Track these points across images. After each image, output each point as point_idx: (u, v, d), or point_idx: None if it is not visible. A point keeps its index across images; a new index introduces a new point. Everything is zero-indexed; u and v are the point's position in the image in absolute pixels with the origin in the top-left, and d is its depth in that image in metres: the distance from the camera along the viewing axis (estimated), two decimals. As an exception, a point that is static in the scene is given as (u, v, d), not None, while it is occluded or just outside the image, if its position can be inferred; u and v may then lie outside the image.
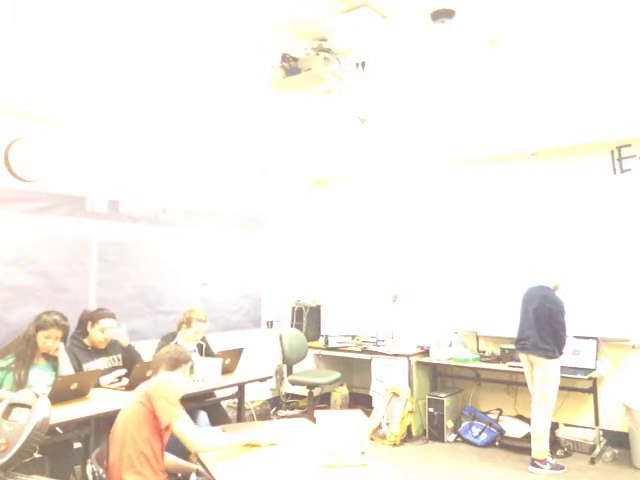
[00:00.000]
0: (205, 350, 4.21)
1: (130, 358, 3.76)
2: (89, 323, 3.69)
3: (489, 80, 3.44)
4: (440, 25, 2.60)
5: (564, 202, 5.05)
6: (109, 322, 3.71)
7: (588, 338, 4.64)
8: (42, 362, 3.32)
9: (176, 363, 2.56)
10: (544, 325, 4.20)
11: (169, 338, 4.02)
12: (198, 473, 2.51)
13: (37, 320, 3.30)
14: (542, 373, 4.20)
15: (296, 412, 5.77)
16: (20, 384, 3.11)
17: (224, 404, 5.04)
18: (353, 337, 6.11)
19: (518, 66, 3.21)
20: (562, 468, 4.15)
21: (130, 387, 3.17)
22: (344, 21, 2.56)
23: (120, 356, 3.80)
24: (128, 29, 2.73)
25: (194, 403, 3.60)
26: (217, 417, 3.93)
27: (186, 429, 2.30)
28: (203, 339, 4.23)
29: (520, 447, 4.53)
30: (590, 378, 4.46)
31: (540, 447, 4.15)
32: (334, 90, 3.02)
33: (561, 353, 4.21)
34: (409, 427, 4.97)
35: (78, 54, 3.01)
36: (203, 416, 3.79)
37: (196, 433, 2.33)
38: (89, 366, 3.58)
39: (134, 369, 3.40)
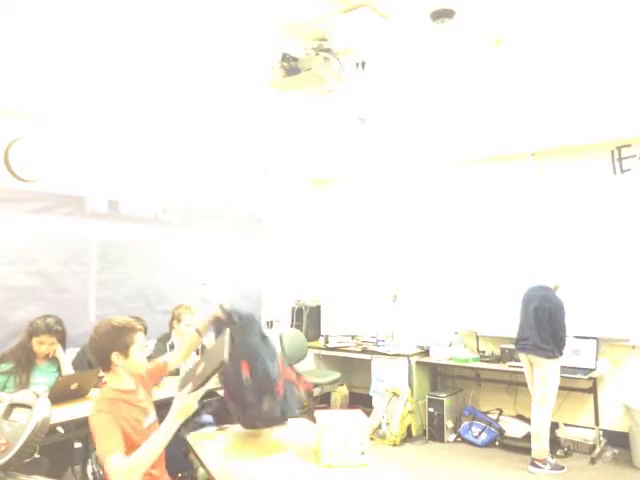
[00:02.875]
0: (202, 349, 4.17)
1: None
2: None
3: (489, 80, 3.44)
4: (440, 25, 2.60)
5: (564, 202, 5.05)
6: None
7: (588, 338, 4.64)
8: (43, 364, 3.30)
9: (124, 345, 2.12)
10: (544, 325, 4.20)
11: (164, 339, 4.01)
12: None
13: (30, 326, 3.25)
14: (542, 373, 4.20)
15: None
16: (22, 387, 3.09)
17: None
18: (353, 337, 6.11)
19: (518, 66, 3.21)
20: (562, 468, 4.15)
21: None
22: (344, 21, 2.56)
23: None
24: (128, 29, 2.73)
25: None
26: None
27: (112, 467, 1.86)
28: None
29: (520, 447, 4.53)
30: (590, 378, 4.46)
31: (540, 447, 4.15)
32: (334, 90, 3.02)
33: (561, 353, 4.21)
34: (409, 427, 4.97)
35: (78, 54, 3.01)
36: None
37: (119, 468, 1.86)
38: None
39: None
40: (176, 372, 3.64)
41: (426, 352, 5.35)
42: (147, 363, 2.33)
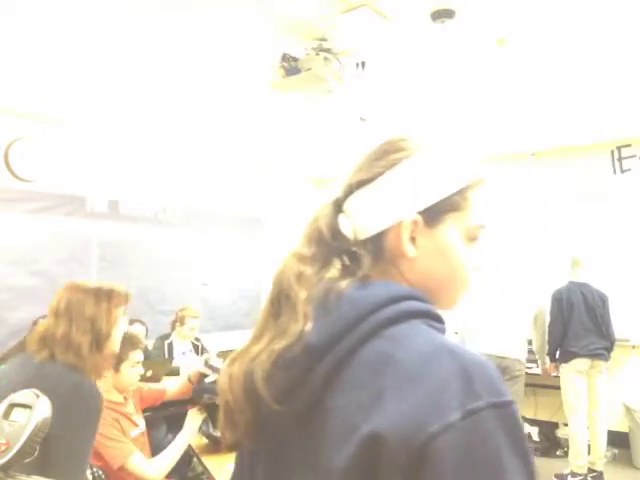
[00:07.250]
0: (202, 350, 4.18)
1: None
2: None
3: (489, 80, 3.44)
4: (440, 25, 2.60)
5: (564, 202, 5.05)
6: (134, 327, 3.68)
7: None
8: None
9: (117, 360, 2.12)
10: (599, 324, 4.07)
11: (164, 338, 4.02)
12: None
13: (34, 325, 3.26)
14: (604, 377, 4.04)
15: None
16: None
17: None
18: (353, 337, 6.10)
19: (519, 66, 3.21)
20: None
21: None
22: (344, 21, 2.56)
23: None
24: (128, 29, 2.73)
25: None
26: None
27: (141, 467, 2.01)
28: (198, 339, 4.21)
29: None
30: (590, 378, 4.45)
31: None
32: (334, 90, 3.02)
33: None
34: (409, 427, 4.95)
35: (78, 54, 3.01)
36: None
37: (149, 467, 2.05)
38: None
39: None
40: (176, 372, 3.64)
41: (426, 352, 5.33)
42: (141, 384, 2.37)
